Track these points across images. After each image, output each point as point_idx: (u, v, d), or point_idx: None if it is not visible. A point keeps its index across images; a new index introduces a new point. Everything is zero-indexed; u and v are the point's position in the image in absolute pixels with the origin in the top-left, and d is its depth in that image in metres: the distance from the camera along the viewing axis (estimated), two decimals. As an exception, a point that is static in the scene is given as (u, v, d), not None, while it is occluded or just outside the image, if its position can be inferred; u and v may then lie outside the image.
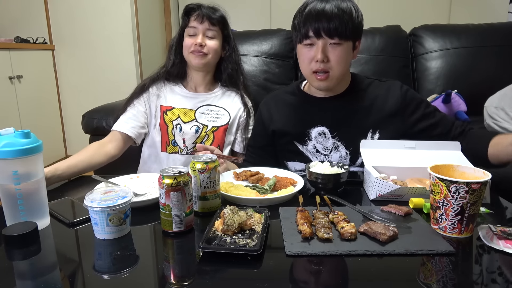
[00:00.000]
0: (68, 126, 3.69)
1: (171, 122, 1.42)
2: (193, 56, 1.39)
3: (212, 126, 1.44)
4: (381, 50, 2.30)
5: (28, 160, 0.79)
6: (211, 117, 1.45)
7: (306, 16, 1.13)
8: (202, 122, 1.43)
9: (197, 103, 1.45)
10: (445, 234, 0.78)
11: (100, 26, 3.38)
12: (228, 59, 1.47)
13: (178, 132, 1.42)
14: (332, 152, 1.24)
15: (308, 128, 1.25)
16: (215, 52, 1.41)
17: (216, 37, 1.41)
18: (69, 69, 3.54)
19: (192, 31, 1.38)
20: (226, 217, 0.77)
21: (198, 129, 1.42)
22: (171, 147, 1.43)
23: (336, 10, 1.10)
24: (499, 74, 2.23)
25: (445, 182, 0.75)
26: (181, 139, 1.42)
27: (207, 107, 1.46)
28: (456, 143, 1.09)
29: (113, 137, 1.36)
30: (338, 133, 1.23)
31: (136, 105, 1.43)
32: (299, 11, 1.16)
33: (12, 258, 0.72)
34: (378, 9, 3.62)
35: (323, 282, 0.64)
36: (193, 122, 1.43)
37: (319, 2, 1.12)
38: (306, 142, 1.25)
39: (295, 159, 1.28)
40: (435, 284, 0.63)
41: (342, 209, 0.88)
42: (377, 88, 1.25)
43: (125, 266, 0.68)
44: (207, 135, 1.43)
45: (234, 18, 1.54)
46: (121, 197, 0.78)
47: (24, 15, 3.45)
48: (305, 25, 1.13)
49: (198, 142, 1.42)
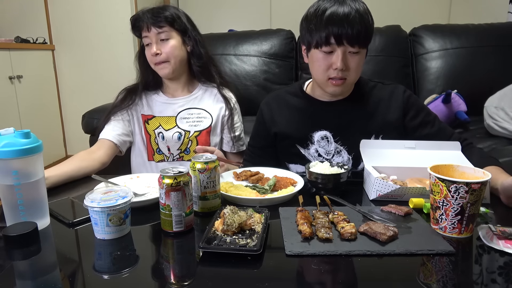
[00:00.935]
0: (68, 126, 3.69)
1: (153, 131, 1.40)
2: (157, 68, 1.36)
3: (194, 131, 1.41)
4: (381, 50, 2.30)
5: (28, 160, 0.79)
6: (192, 122, 1.42)
7: (327, 21, 1.06)
8: (184, 128, 1.40)
9: (177, 108, 1.42)
10: (445, 234, 0.78)
11: (100, 26, 3.38)
12: (193, 53, 1.41)
13: (161, 141, 1.40)
14: (334, 157, 1.23)
15: (311, 132, 1.23)
16: (175, 53, 1.35)
17: (171, 37, 1.34)
18: (69, 69, 3.54)
19: (147, 41, 1.35)
20: (226, 217, 0.77)
21: (181, 136, 1.40)
22: (157, 156, 1.42)
23: (357, 15, 1.05)
24: (499, 74, 2.23)
25: (445, 182, 0.75)
26: (165, 147, 1.41)
27: (187, 111, 1.42)
28: (456, 143, 1.09)
29: (101, 144, 1.34)
30: (340, 137, 1.22)
31: (119, 114, 1.41)
32: (316, 14, 1.09)
33: (12, 258, 0.72)
34: (378, 9, 3.61)
35: (323, 282, 0.64)
36: (174, 128, 1.40)
37: (339, 6, 1.07)
38: (308, 145, 1.24)
39: (297, 161, 1.27)
40: (435, 284, 0.63)
41: (342, 209, 0.88)
42: (381, 92, 1.24)
43: (125, 266, 0.68)
44: (190, 140, 1.41)
45: (234, 18, 1.54)
46: (121, 197, 0.78)
47: (24, 15, 3.45)
48: (326, 29, 1.06)
49: (182, 149, 1.40)
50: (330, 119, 1.23)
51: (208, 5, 3.91)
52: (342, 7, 1.07)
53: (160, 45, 1.33)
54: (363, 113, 1.22)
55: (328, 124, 1.23)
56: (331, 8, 1.07)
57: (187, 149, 1.40)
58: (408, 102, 1.22)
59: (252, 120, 2.25)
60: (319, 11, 1.09)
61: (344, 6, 1.07)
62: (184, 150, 1.40)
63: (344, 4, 1.07)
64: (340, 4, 1.07)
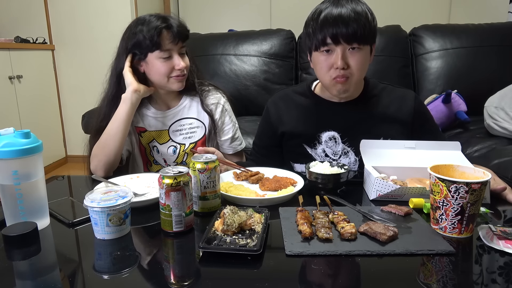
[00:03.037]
0: (68, 126, 3.69)
1: (148, 145, 1.38)
2: (174, 81, 1.27)
3: (189, 144, 1.37)
4: (381, 50, 2.30)
5: (28, 160, 0.79)
6: (185, 133, 1.38)
7: (323, 22, 1.08)
8: (178, 141, 1.37)
9: (168, 121, 1.37)
10: (445, 234, 0.78)
11: (100, 26, 3.38)
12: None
13: (156, 154, 1.38)
14: (341, 158, 1.23)
15: (319, 132, 1.23)
16: (189, 67, 1.31)
17: (186, 52, 1.30)
18: (69, 69, 3.54)
19: (166, 54, 1.23)
20: (226, 217, 0.77)
21: (176, 149, 1.37)
22: (154, 167, 1.41)
23: (353, 14, 1.06)
24: (499, 74, 2.23)
25: (445, 182, 0.75)
26: (162, 159, 1.39)
27: (178, 122, 1.37)
28: (456, 143, 1.08)
29: None
30: (348, 138, 1.22)
31: None
32: (313, 18, 1.12)
33: (12, 258, 0.72)
34: (378, 9, 3.61)
35: (323, 282, 0.64)
36: (169, 142, 1.37)
37: (334, 7, 1.08)
38: (316, 145, 1.24)
39: (303, 161, 1.26)
40: (435, 284, 0.63)
41: (342, 209, 0.88)
42: (390, 95, 1.24)
43: (125, 266, 0.68)
44: (186, 153, 1.38)
45: (234, 18, 1.52)
46: (121, 197, 0.78)
47: (24, 15, 3.45)
48: (321, 31, 1.08)
49: (179, 161, 1.38)
50: (339, 120, 1.22)
51: (208, 5, 3.91)
52: (337, 8, 1.08)
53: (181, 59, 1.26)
54: (372, 115, 1.21)
55: (336, 124, 1.22)
56: (326, 10, 1.09)
57: (183, 162, 1.38)
58: (419, 109, 1.22)
59: (252, 120, 2.26)
60: (315, 15, 1.11)
61: (339, 7, 1.08)
62: (181, 163, 1.39)
63: (339, 5, 1.09)
64: (335, 6, 1.09)
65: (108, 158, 1.23)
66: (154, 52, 1.22)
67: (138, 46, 1.24)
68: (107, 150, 1.23)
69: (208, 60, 2.45)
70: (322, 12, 1.09)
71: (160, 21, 1.22)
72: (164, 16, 1.25)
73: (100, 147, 1.24)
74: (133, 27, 1.26)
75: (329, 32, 1.07)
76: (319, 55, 1.12)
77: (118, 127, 1.23)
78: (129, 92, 1.23)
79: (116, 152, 1.24)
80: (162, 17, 1.24)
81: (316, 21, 1.10)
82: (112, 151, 1.23)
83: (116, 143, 1.23)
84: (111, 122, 1.24)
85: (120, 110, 1.24)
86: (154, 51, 1.22)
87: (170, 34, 1.22)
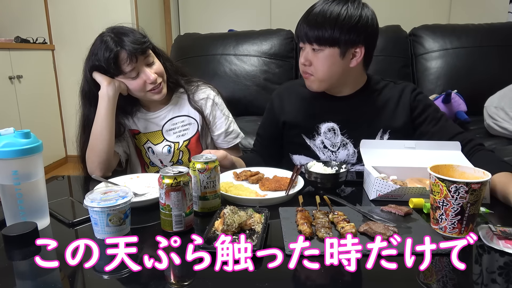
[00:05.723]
0: (68, 126, 3.69)
1: (143, 146, 1.38)
2: (151, 94, 1.25)
3: (183, 141, 1.37)
4: (381, 50, 2.29)
5: (28, 160, 0.79)
6: (179, 131, 1.37)
7: (300, 19, 1.16)
8: (172, 140, 1.37)
9: (160, 121, 1.36)
10: (445, 234, 0.78)
11: (100, 26, 3.32)
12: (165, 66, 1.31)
13: (152, 155, 1.38)
14: (340, 149, 1.24)
15: (318, 123, 1.25)
16: (163, 70, 1.27)
17: (154, 58, 1.26)
18: (69, 69, 3.54)
19: (133, 74, 1.20)
20: (226, 217, 0.77)
21: (170, 148, 1.36)
22: (151, 168, 1.41)
23: (327, 15, 1.10)
24: (499, 74, 2.23)
25: (445, 182, 0.75)
26: (158, 160, 1.39)
27: (171, 121, 1.36)
28: (456, 143, 1.08)
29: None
30: (347, 130, 1.23)
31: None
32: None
33: (12, 258, 0.72)
34: (378, 9, 3.61)
35: (323, 282, 0.64)
36: (163, 142, 1.37)
37: (320, 6, 1.13)
38: (315, 136, 1.25)
39: (301, 152, 1.28)
40: (435, 284, 0.63)
41: (342, 209, 0.88)
42: (392, 90, 1.25)
43: (125, 266, 0.68)
44: (181, 151, 1.38)
45: (234, 18, 1.52)
46: (121, 197, 0.78)
47: (24, 15, 3.45)
48: (297, 27, 1.17)
49: (174, 160, 1.38)
50: (339, 111, 1.24)
51: (208, 5, 3.92)
52: (321, 6, 1.12)
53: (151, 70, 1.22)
54: (372, 109, 1.23)
55: (336, 116, 1.24)
56: (313, 8, 1.14)
57: (179, 161, 1.38)
58: (415, 99, 1.22)
59: (252, 120, 2.26)
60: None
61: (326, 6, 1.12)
62: (177, 162, 1.39)
63: (327, 3, 1.12)
64: (324, 4, 1.13)
65: (100, 158, 1.21)
66: (119, 76, 1.21)
67: (103, 71, 1.21)
68: (97, 151, 1.21)
69: (208, 60, 2.45)
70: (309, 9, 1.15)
71: (114, 44, 1.17)
72: (119, 33, 1.20)
73: (90, 148, 1.23)
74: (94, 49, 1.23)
75: (297, 30, 1.17)
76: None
77: (101, 125, 1.21)
78: (104, 88, 1.20)
79: (106, 151, 1.22)
80: (118, 38, 1.18)
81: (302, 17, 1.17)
82: (102, 151, 1.21)
83: (104, 142, 1.21)
84: (94, 123, 1.22)
85: (100, 107, 1.21)
86: (118, 76, 1.21)
87: (127, 55, 1.16)
